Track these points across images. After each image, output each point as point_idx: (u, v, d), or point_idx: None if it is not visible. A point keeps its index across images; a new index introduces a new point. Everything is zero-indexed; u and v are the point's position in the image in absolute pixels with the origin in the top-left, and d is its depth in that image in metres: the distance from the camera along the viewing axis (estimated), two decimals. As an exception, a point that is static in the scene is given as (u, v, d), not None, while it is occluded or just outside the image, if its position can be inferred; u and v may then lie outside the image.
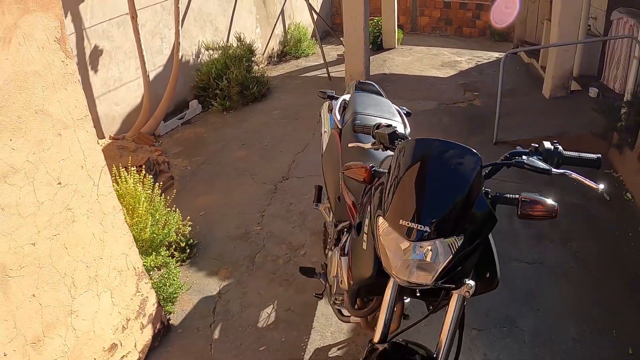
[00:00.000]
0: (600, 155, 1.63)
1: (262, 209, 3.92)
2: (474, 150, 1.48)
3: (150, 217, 2.91)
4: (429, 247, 1.38)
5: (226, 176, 4.46)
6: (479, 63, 8.26)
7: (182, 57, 5.63)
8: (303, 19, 8.66)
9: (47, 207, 1.97)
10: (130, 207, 2.85)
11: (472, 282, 1.48)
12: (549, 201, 1.47)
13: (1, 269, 1.83)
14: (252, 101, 6.13)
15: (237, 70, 5.85)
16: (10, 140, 1.79)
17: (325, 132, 3.02)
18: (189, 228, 3.27)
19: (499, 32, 10.13)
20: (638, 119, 4.39)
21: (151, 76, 5.14)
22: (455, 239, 1.38)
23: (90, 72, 4.60)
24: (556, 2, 5.71)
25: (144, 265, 2.62)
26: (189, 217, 3.34)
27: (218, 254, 3.39)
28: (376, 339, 1.60)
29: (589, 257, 3.36)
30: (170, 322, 2.82)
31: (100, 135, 4.67)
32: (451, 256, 1.38)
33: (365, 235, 1.64)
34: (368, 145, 1.94)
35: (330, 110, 3.06)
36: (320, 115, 3.24)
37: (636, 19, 5.35)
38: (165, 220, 3.06)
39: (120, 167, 2.97)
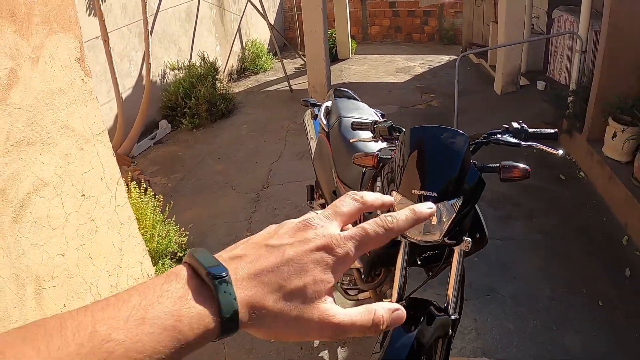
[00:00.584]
0: (557, 130, 1.95)
1: (249, 216, 4.07)
2: (462, 132, 1.78)
3: (153, 228, 3.02)
4: (439, 208, 1.64)
5: (207, 189, 4.58)
6: (432, 67, 8.65)
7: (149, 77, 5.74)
8: (259, 35, 8.87)
9: (74, 219, 2.08)
10: (137, 218, 2.95)
11: (469, 238, 1.77)
12: (523, 165, 1.78)
13: (35, 280, 1.93)
14: (220, 117, 6.27)
15: (204, 88, 5.98)
16: (40, 154, 1.91)
17: (312, 138, 3.23)
18: (186, 238, 3.39)
19: (448, 36, 10.60)
20: (584, 105, 4.79)
21: (122, 98, 5.22)
22: (456, 201, 1.67)
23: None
24: (501, 5, 6.13)
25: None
26: (183, 229, 3.46)
27: (215, 261, 3.50)
28: (394, 299, 1.82)
29: (552, 230, 3.77)
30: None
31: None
32: (454, 214, 1.66)
33: (379, 211, 1.83)
34: (369, 139, 2.17)
35: (314, 117, 3.29)
36: (304, 123, 3.43)
37: (575, 15, 5.80)
38: (167, 230, 3.17)
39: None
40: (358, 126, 2.23)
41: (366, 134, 2.29)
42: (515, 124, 1.94)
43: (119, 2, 5.26)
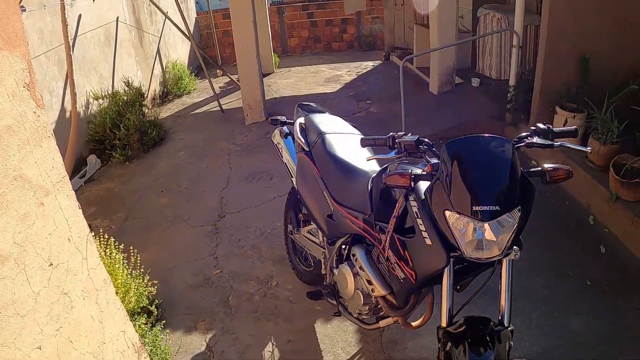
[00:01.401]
0: (576, 127, 1.96)
1: (212, 251, 3.75)
2: (506, 138, 1.75)
3: (125, 285, 2.63)
4: (501, 221, 1.61)
5: (157, 227, 4.19)
6: (359, 74, 8.64)
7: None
8: (179, 56, 8.47)
9: (44, 297, 1.70)
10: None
11: (517, 247, 1.76)
12: (564, 166, 1.76)
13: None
14: (152, 146, 5.85)
15: (134, 116, 5.52)
16: (-8, 220, 1.51)
17: (287, 160, 3.00)
18: (154, 288, 3.01)
19: (367, 43, 10.72)
20: (527, 97, 4.95)
21: (45, 136, 4.69)
22: (516, 211, 1.63)
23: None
24: (433, 8, 6.17)
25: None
26: (148, 277, 3.07)
27: (187, 308, 3.18)
28: (444, 323, 1.80)
29: (531, 221, 3.78)
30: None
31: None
32: (516, 225, 1.63)
33: (424, 233, 1.80)
34: (392, 157, 2.07)
35: (284, 135, 3.05)
36: (274, 143, 3.19)
37: (501, 12, 5.93)
38: (137, 283, 2.78)
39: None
40: (369, 142, 2.09)
41: (356, 150, 2.29)
42: (541, 125, 1.92)
43: (35, 27, 4.72)
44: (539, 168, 1.78)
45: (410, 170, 1.82)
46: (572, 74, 4.43)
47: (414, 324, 2.21)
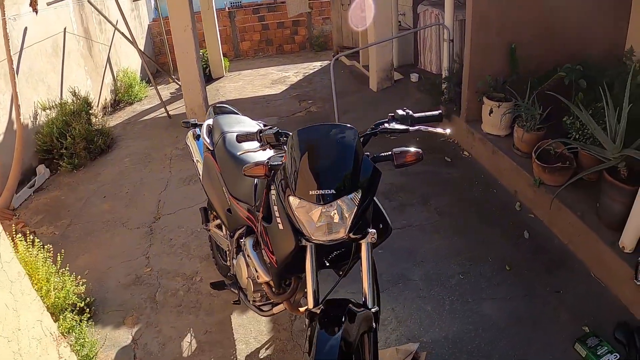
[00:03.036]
0: (440, 111, 2.10)
1: (145, 251, 4.07)
2: (349, 125, 1.85)
3: (48, 281, 2.97)
4: (340, 204, 1.70)
5: (97, 231, 4.50)
6: (306, 74, 8.99)
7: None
8: (130, 64, 8.72)
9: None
10: (28, 274, 2.88)
11: (373, 230, 1.85)
12: (414, 148, 1.87)
13: None
14: (99, 154, 6.13)
15: (80, 125, 5.82)
16: None
17: (197, 160, 3.25)
18: (83, 287, 3.34)
19: (318, 43, 11.03)
20: (457, 90, 5.21)
21: (-9, 149, 4.99)
22: (355, 194, 1.72)
23: None
24: (369, 9, 6.46)
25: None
26: (80, 277, 3.40)
27: (118, 305, 3.49)
28: (311, 305, 1.87)
29: (448, 209, 4.13)
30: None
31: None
32: (356, 208, 1.71)
33: (277, 219, 1.93)
34: (256, 148, 2.19)
35: (196, 137, 3.32)
36: (187, 145, 3.46)
37: (439, 8, 6.23)
38: (63, 281, 3.12)
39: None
40: (243, 138, 2.20)
41: (253, 145, 2.30)
42: (400, 111, 2.02)
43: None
44: (389, 152, 1.86)
45: (266, 161, 1.96)
46: (500, 64, 4.63)
47: (301, 309, 2.36)
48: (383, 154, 1.89)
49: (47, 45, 6.35)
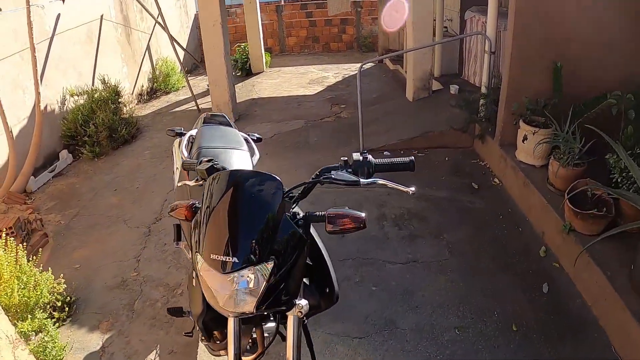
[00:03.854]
0: (412, 158, 1.69)
1: (138, 253, 3.99)
2: (274, 175, 1.54)
3: (17, 281, 2.89)
4: (245, 276, 1.40)
5: (100, 225, 4.46)
6: (346, 76, 8.74)
7: (46, 106, 5.54)
8: (170, 53, 8.72)
9: None
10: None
11: (303, 302, 1.54)
12: (355, 212, 1.51)
13: None
14: (122, 144, 6.14)
15: (104, 114, 5.82)
16: None
17: (177, 168, 3.06)
18: (64, 286, 3.26)
19: (366, 44, 10.74)
20: (495, 108, 4.67)
21: (16, 131, 5.04)
22: (265, 265, 1.41)
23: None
24: (403, 11, 6.14)
25: (21, 330, 2.61)
26: (62, 274, 3.32)
27: (98, 307, 3.42)
28: None
29: (462, 247, 3.63)
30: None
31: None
32: (265, 282, 1.41)
33: (193, 272, 1.68)
34: (193, 183, 1.97)
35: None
36: (172, 153, 3.29)
37: (486, 15, 5.83)
38: (35, 281, 3.03)
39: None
40: (187, 166, 1.94)
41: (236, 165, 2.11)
42: (356, 156, 1.66)
43: (9, 27, 5.03)
44: (323, 212, 1.53)
45: (191, 202, 1.70)
46: (542, 84, 4.08)
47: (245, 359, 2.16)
48: (317, 213, 1.56)
49: (81, 31, 6.39)
